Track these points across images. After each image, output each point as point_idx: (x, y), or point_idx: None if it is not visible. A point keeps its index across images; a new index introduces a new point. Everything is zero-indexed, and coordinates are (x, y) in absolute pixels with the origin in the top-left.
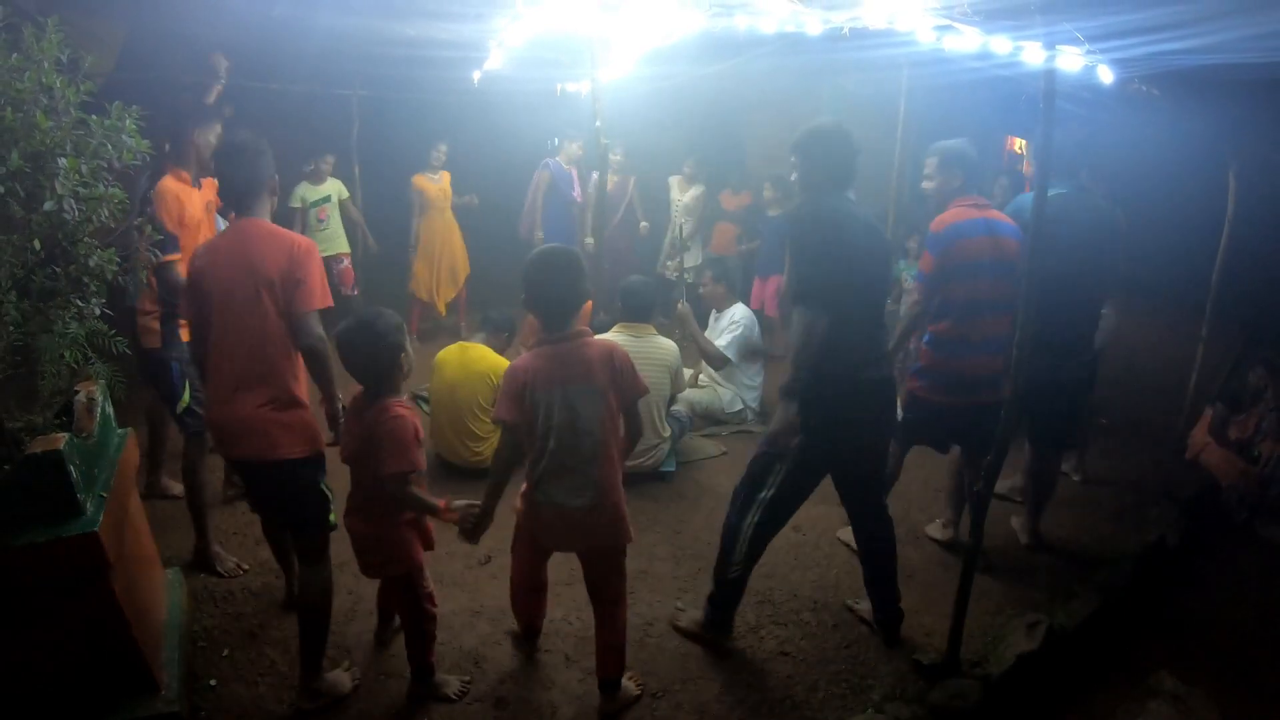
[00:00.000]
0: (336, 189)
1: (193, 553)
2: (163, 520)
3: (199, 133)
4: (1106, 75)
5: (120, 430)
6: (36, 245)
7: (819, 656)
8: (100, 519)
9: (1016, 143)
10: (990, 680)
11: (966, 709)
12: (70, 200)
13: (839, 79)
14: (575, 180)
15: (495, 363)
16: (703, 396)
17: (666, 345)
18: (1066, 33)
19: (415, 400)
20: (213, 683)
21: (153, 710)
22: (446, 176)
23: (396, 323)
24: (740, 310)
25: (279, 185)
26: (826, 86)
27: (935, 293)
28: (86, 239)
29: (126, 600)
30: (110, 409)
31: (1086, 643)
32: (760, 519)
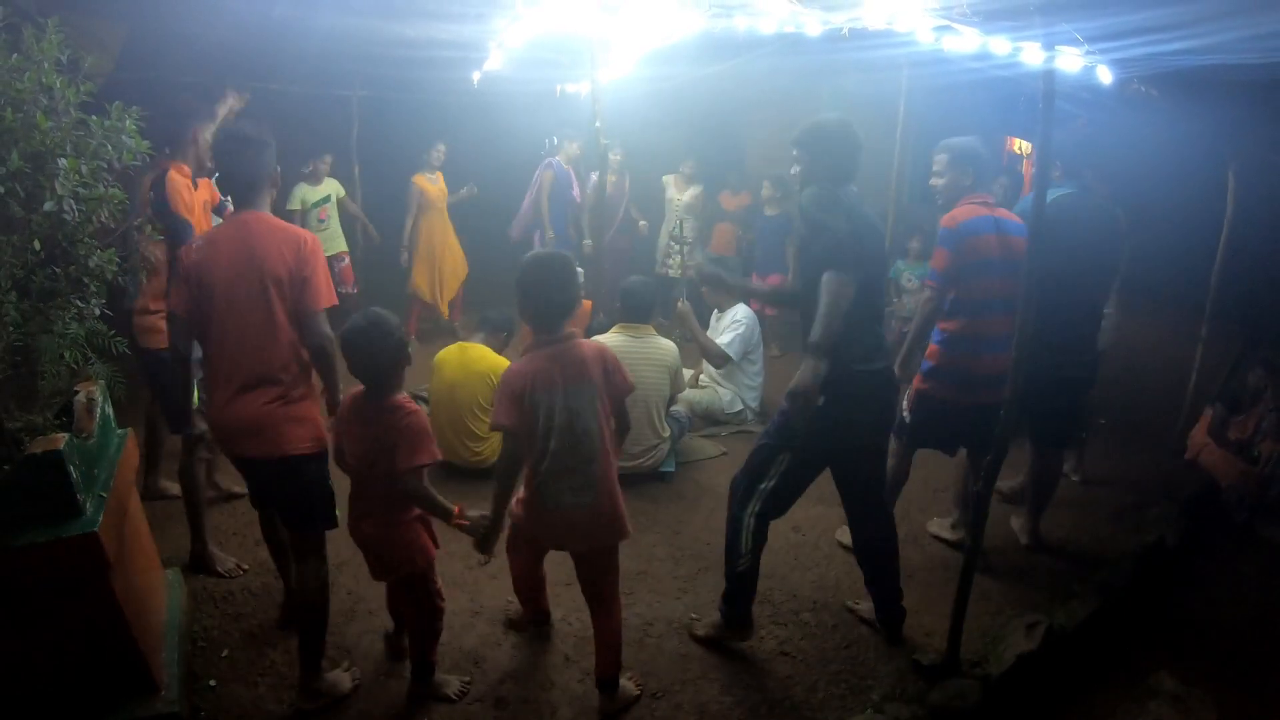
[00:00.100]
0: (334, 188)
1: (189, 555)
2: (162, 520)
3: (199, 131)
4: (1105, 76)
5: (120, 431)
6: (36, 246)
7: (818, 657)
8: (100, 519)
9: (1016, 143)
10: (990, 680)
11: (966, 709)
12: (70, 201)
13: (838, 79)
14: (574, 180)
15: (495, 363)
16: (703, 397)
17: (666, 345)
18: (1065, 33)
19: (415, 400)
20: (212, 683)
21: (152, 710)
22: (441, 176)
23: (398, 322)
24: (742, 310)
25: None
26: (826, 87)
27: (948, 289)
28: (86, 239)
29: (126, 600)
30: (110, 409)
31: (1086, 643)
32: (761, 509)
